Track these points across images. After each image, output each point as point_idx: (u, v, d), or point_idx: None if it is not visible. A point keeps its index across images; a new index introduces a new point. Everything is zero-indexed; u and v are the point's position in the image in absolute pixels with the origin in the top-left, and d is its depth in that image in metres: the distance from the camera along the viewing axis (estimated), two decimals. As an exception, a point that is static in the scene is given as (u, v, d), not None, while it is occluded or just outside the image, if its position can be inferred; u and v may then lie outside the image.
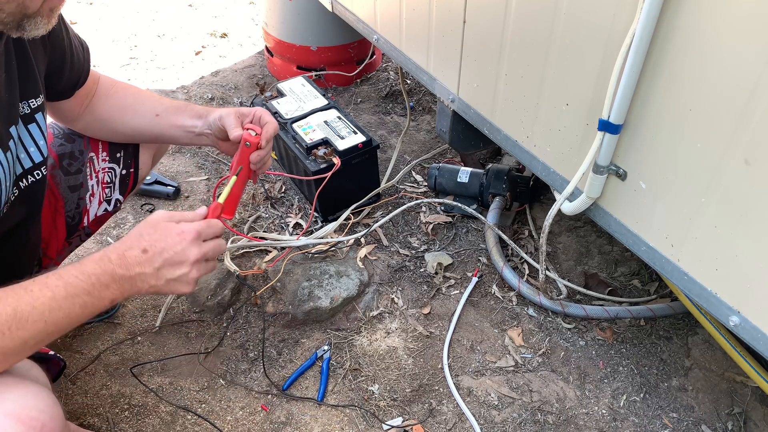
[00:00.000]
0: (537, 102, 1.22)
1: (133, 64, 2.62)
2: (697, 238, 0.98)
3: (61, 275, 0.82)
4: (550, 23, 1.10)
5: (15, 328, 0.76)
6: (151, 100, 1.23)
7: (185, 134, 1.22)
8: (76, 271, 0.84)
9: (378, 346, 1.49)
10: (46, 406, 0.78)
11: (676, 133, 0.94)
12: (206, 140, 1.22)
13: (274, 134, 1.14)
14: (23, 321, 0.77)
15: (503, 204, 1.77)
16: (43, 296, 0.79)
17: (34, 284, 0.80)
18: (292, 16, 2.27)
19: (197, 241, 0.93)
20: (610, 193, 1.13)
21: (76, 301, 0.82)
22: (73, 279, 0.82)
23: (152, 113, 1.21)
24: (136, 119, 1.23)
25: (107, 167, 1.29)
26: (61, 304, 0.80)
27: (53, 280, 0.81)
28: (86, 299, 0.83)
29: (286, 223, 1.81)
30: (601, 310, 1.54)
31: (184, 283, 0.93)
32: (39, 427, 0.76)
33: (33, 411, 0.76)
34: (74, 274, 0.83)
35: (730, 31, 0.81)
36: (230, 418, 1.34)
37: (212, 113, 1.17)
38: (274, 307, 1.56)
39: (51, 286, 0.80)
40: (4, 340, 0.75)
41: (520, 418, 1.35)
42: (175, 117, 1.21)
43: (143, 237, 0.91)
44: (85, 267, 0.85)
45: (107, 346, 1.47)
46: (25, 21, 0.79)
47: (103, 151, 1.28)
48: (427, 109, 2.35)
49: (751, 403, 1.37)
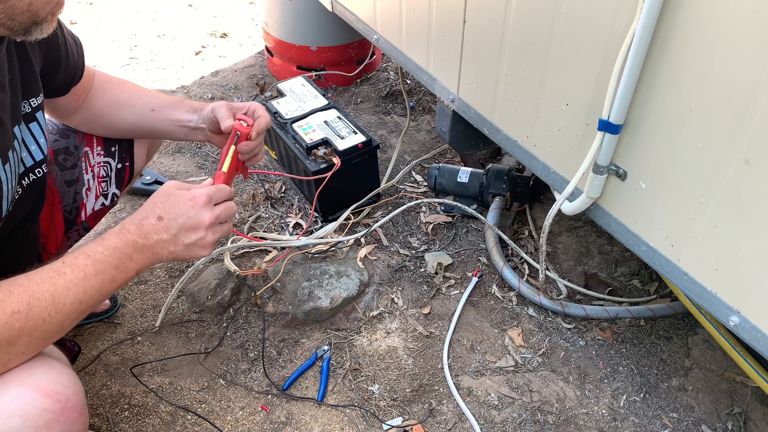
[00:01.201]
0: (537, 102, 1.22)
1: (133, 64, 2.62)
2: (697, 238, 0.98)
3: (88, 253, 0.85)
4: (550, 23, 1.10)
5: (54, 312, 0.79)
6: (146, 95, 1.24)
7: (180, 129, 1.23)
8: (101, 247, 0.87)
9: (378, 346, 1.49)
10: (70, 382, 0.82)
11: (676, 133, 0.94)
12: (201, 135, 1.23)
13: (267, 127, 1.15)
14: (61, 305, 0.80)
15: (503, 204, 1.77)
16: (75, 278, 0.82)
17: (65, 266, 0.82)
18: (292, 16, 2.27)
19: (209, 204, 0.96)
20: (610, 193, 1.13)
21: (106, 277, 0.86)
22: (100, 255, 0.86)
23: (148, 108, 1.22)
24: (132, 114, 1.23)
25: (102, 161, 1.30)
26: (93, 283, 0.84)
27: (81, 260, 0.84)
28: (114, 273, 0.87)
29: (286, 223, 1.81)
30: (601, 310, 1.54)
31: (202, 247, 0.97)
32: (64, 401, 0.79)
33: (58, 385, 0.80)
34: (99, 251, 0.86)
35: (730, 30, 0.81)
36: (230, 418, 1.34)
37: (206, 107, 1.19)
38: (274, 307, 1.56)
39: (81, 266, 0.83)
40: (45, 325, 0.78)
41: (520, 418, 1.35)
42: (171, 111, 1.22)
43: (157, 205, 0.94)
44: (108, 241, 0.88)
45: (107, 346, 1.47)
46: (33, 27, 0.82)
47: (97, 146, 1.29)
48: (427, 109, 2.35)
49: (751, 403, 1.37)
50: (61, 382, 0.80)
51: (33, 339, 0.78)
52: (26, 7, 0.77)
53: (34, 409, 0.76)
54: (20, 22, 0.79)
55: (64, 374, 0.82)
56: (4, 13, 0.76)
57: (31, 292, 0.78)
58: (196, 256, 0.97)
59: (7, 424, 0.74)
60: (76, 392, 0.82)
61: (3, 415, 0.74)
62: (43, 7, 0.80)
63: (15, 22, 0.79)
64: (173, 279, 1.64)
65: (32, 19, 0.80)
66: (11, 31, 0.80)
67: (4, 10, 0.76)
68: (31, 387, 0.77)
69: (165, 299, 1.56)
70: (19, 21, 0.79)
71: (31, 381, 0.78)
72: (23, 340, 0.77)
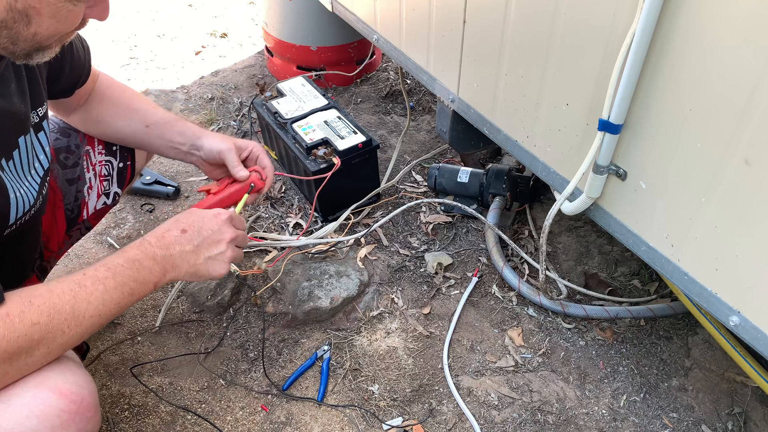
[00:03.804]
0: (537, 102, 1.22)
1: (133, 64, 2.62)
2: (698, 238, 0.98)
3: (109, 266, 0.86)
4: (550, 23, 1.10)
5: (74, 325, 0.80)
6: (144, 108, 1.25)
7: (171, 149, 1.25)
8: (121, 259, 0.88)
9: (378, 346, 1.49)
10: (85, 382, 0.83)
11: (676, 133, 0.94)
12: (192, 159, 1.25)
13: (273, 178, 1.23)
14: (81, 317, 0.81)
15: (503, 204, 1.77)
16: (96, 290, 0.83)
17: (86, 278, 0.83)
18: (292, 16, 2.27)
19: (231, 222, 1.01)
20: (610, 193, 1.13)
21: (125, 290, 0.87)
22: (120, 268, 0.87)
23: (143, 123, 1.23)
24: (128, 127, 1.25)
25: (104, 160, 1.31)
26: (112, 296, 0.85)
27: (102, 272, 0.85)
28: (133, 286, 0.88)
29: (286, 223, 1.81)
30: (601, 310, 1.54)
31: (221, 262, 0.99)
32: (79, 401, 0.80)
33: (74, 386, 0.81)
34: (119, 263, 0.88)
35: (730, 30, 0.81)
36: (230, 418, 1.34)
37: (205, 139, 1.21)
38: (274, 307, 1.56)
39: (102, 279, 0.84)
40: (64, 337, 0.80)
41: (520, 418, 1.35)
42: (164, 130, 1.23)
43: (180, 221, 0.97)
44: (128, 254, 0.90)
45: (107, 346, 1.47)
46: (35, 52, 0.82)
47: (99, 145, 1.29)
48: (427, 109, 2.35)
49: (751, 403, 1.37)
50: (76, 382, 0.81)
51: (51, 350, 0.79)
52: (30, 36, 0.77)
53: (51, 410, 0.77)
54: (23, 48, 0.79)
55: (79, 374, 0.83)
56: (8, 38, 0.76)
57: (52, 304, 0.78)
58: (214, 273, 0.99)
59: (25, 424, 0.75)
60: (91, 392, 0.83)
61: (21, 416, 0.75)
62: (47, 38, 0.79)
63: (17, 47, 0.78)
64: (173, 279, 1.64)
65: (35, 47, 0.80)
66: (12, 54, 0.80)
67: (8, 35, 0.76)
68: (47, 388, 0.78)
69: (165, 299, 1.56)
70: (21, 47, 0.79)
71: (48, 382, 0.79)
72: (41, 350, 0.78)
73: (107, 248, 1.73)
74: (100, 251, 1.72)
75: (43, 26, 0.76)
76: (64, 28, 0.80)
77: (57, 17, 0.77)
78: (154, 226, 1.78)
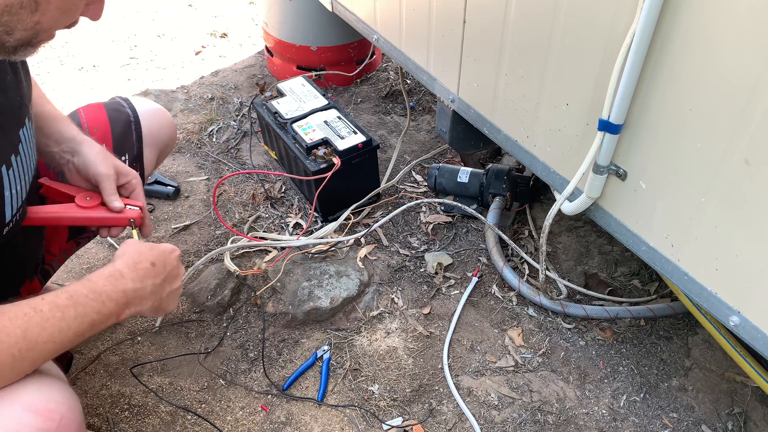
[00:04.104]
0: (537, 102, 1.22)
1: (133, 64, 2.62)
2: (698, 238, 0.98)
3: (71, 294, 0.82)
4: (550, 23, 1.10)
5: (25, 349, 0.75)
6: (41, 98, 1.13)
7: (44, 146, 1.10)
8: (86, 290, 0.84)
9: (378, 346, 1.49)
10: (63, 397, 0.79)
11: (676, 133, 0.94)
12: (62, 161, 1.10)
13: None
14: (33, 342, 0.76)
15: (503, 204, 1.77)
16: (53, 317, 0.78)
17: (44, 303, 0.79)
18: (292, 16, 2.27)
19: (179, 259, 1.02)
20: (610, 193, 1.13)
21: (86, 321, 0.82)
22: (83, 299, 0.83)
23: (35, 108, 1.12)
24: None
25: None
26: (70, 325, 0.80)
27: (63, 300, 0.81)
28: (95, 318, 0.84)
29: (286, 223, 1.81)
30: (601, 310, 1.53)
31: (176, 297, 1.00)
32: (57, 419, 0.76)
33: (51, 403, 0.76)
34: (84, 293, 0.83)
35: (730, 30, 0.81)
36: (230, 418, 1.34)
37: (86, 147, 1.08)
38: (274, 307, 1.56)
39: (61, 307, 0.80)
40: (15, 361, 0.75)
41: (520, 418, 1.35)
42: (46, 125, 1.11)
43: (143, 253, 0.94)
44: (96, 285, 0.85)
45: (107, 346, 1.47)
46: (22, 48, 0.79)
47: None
48: (427, 109, 2.35)
49: (751, 403, 1.37)
50: (53, 398, 0.77)
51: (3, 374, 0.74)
52: (32, 24, 0.75)
53: (25, 429, 0.73)
54: (17, 39, 0.76)
55: (56, 390, 0.79)
56: (4, 26, 0.73)
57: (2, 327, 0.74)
58: (170, 308, 0.99)
59: None
60: (71, 407, 0.79)
61: None
62: (46, 29, 0.77)
63: (12, 38, 0.76)
64: (173, 279, 1.63)
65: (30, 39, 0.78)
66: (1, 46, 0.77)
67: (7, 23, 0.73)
68: (22, 406, 0.74)
69: (165, 299, 1.55)
70: (16, 37, 0.76)
71: (21, 400, 0.75)
72: None
73: (107, 248, 1.73)
74: (99, 251, 1.72)
75: (47, 15, 0.75)
76: (63, 21, 0.78)
77: (63, 8, 0.76)
78: (154, 226, 1.79)
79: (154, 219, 1.83)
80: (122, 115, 1.29)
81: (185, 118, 2.24)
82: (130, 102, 1.32)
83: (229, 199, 1.90)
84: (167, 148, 1.42)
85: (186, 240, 1.76)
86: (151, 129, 1.34)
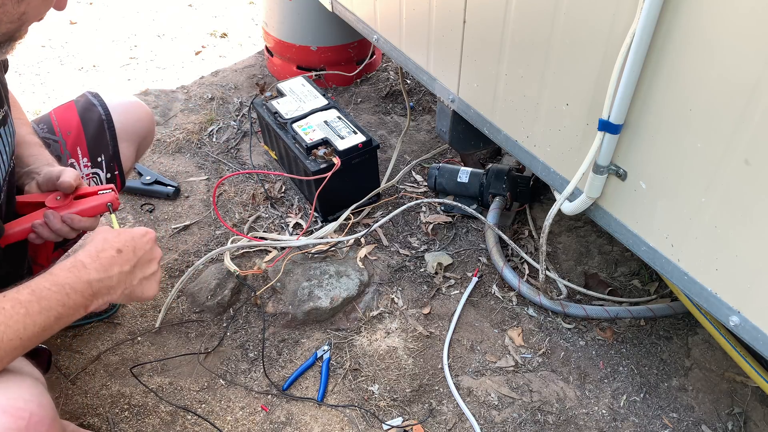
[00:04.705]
0: (537, 102, 1.22)
1: (133, 64, 2.62)
2: (698, 238, 0.98)
3: (33, 289, 0.80)
4: (550, 23, 1.10)
5: None
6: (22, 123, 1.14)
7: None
8: (48, 283, 0.81)
9: (378, 346, 1.49)
10: (32, 395, 0.77)
11: (676, 133, 0.94)
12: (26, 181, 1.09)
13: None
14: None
15: (503, 204, 1.77)
16: (16, 314, 0.76)
17: (6, 300, 0.77)
18: (292, 16, 2.27)
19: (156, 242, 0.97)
20: (610, 193, 1.13)
21: (51, 314, 0.80)
22: (46, 292, 0.80)
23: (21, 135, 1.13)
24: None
25: (90, 173, 1.27)
26: (35, 320, 0.78)
27: (25, 295, 0.79)
28: (61, 311, 0.81)
29: (286, 223, 1.81)
30: (601, 310, 1.53)
31: (153, 282, 0.95)
32: (27, 416, 0.74)
33: (19, 401, 0.75)
34: (46, 287, 0.81)
35: (730, 30, 0.81)
36: (230, 418, 1.34)
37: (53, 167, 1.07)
38: (274, 307, 1.56)
39: (24, 303, 0.78)
40: None
41: (520, 418, 1.35)
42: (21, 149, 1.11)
43: (109, 240, 0.90)
44: (57, 277, 0.83)
45: (107, 347, 1.47)
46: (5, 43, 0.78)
47: (83, 157, 1.25)
48: (427, 109, 2.35)
49: (751, 403, 1.37)
50: (22, 397, 0.75)
51: None
52: (18, 15, 0.74)
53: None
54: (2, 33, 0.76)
55: (25, 387, 0.77)
56: None
57: None
58: (147, 294, 0.94)
59: None
60: (41, 404, 0.77)
61: None
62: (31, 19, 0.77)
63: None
64: (173, 279, 1.64)
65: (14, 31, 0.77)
66: None
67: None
68: None
69: (165, 299, 1.55)
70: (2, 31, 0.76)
71: None
72: None
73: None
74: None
75: (32, 4, 0.74)
76: (44, 9, 0.78)
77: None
78: (154, 226, 1.80)
79: (155, 219, 1.83)
80: (94, 114, 1.27)
81: (185, 118, 2.24)
82: (101, 99, 1.30)
83: (229, 199, 1.90)
84: (146, 141, 1.40)
85: (186, 240, 1.76)
86: (126, 124, 1.32)
